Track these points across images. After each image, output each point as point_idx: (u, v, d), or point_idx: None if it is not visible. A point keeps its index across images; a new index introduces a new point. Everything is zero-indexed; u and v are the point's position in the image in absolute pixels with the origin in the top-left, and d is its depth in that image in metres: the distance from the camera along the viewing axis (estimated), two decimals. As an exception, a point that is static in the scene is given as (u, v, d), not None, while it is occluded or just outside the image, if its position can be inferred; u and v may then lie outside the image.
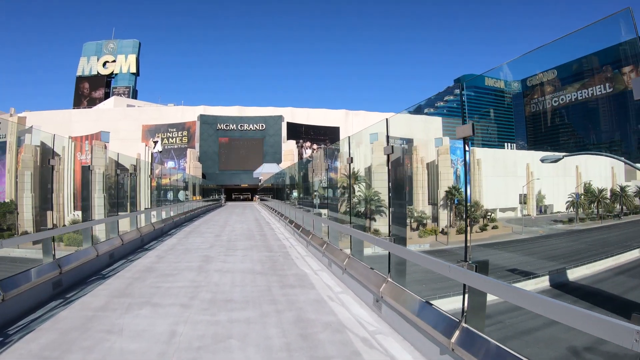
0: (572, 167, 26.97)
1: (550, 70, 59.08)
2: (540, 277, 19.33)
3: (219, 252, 11.70)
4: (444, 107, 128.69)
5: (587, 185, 26.84)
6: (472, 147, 50.34)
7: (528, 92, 65.26)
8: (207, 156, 75.87)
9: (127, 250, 11.70)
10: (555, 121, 46.10)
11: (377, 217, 17.06)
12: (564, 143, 37.68)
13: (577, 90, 47.36)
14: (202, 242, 13.92)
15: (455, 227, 31.31)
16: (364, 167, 14.97)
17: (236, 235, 15.72)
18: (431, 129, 46.80)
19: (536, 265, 21.38)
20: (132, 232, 12.91)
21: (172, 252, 11.74)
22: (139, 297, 6.84)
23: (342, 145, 14.38)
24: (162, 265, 9.85)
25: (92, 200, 13.97)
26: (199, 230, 18.11)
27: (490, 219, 34.83)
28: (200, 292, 7.18)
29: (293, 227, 15.32)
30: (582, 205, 27.21)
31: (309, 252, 11.51)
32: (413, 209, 27.54)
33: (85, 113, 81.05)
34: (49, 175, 10.11)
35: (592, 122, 36.28)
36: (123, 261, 10.46)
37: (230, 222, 22.19)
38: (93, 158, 22.77)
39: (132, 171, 15.69)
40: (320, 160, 16.89)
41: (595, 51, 11.97)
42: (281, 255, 11.24)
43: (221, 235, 15.94)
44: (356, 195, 17.00)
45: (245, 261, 10.24)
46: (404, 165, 11.32)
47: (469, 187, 4.70)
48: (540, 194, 30.43)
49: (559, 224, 28.20)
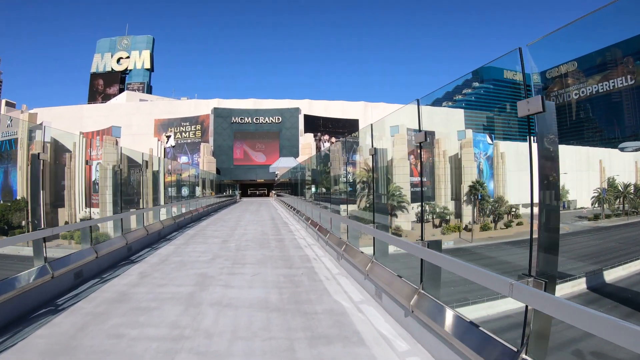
0: (595, 161, 24.86)
1: (571, 62, 56.41)
2: (577, 278, 16.97)
3: (221, 267, 8.85)
4: (462, 101, 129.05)
5: (611, 180, 24.53)
6: (496, 140, 50.53)
7: (547, 84, 62.92)
8: (221, 150, 73.28)
9: (104, 265, 8.99)
10: (578, 114, 44.25)
11: (398, 213, 14.28)
12: (585, 136, 35.42)
13: (599, 83, 45.44)
14: (204, 250, 11.11)
15: (479, 224, 30.98)
16: (382, 161, 12.46)
17: (247, 241, 12.88)
18: (453, 121, 43.37)
19: (567, 265, 19.80)
20: (115, 240, 10.16)
21: (161, 268, 8.94)
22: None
23: (364, 136, 12.15)
24: (140, 290, 7.05)
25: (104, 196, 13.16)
26: (204, 233, 15.32)
27: (515, 214, 34.05)
28: (180, 355, 4.35)
29: (317, 232, 12.48)
30: (607, 200, 24.64)
31: (341, 269, 8.65)
32: (435, 204, 25.48)
33: (97, 108, 78.87)
34: (61, 172, 10.22)
35: (616, 115, 33.42)
36: (94, 281, 7.77)
37: (243, 223, 19.37)
38: (104, 154, 21.58)
39: (119, 167, 13.14)
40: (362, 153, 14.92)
41: (617, 42, 10.40)
42: (305, 273, 8.34)
43: (229, 240, 13.11)
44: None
45: (256, 284, 7.39)
46: (433, 159, 11.15)
47: (535, 180, 2.89)
48: (564, 189, 28.40)
49: (584, 221, 25.96)
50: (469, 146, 32.47)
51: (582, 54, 5.55)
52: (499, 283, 3.24)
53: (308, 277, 7.97)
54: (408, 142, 10.48)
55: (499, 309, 5.99)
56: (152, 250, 11.43)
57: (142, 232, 12.18)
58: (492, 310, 6.17)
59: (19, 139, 45.33)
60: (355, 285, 7.30)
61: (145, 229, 12.47)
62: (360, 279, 7.22)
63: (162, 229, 14.15)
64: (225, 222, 19.78)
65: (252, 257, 10.12)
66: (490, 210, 19.16)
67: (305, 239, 13.32)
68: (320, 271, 8.49)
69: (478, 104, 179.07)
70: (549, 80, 4.93)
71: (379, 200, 10.86)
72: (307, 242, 12.60)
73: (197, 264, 9.21)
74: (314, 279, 7.81)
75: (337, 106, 79.63)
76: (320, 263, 9.34)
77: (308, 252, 10.90)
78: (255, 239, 13.43)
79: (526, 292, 2.97)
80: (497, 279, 3.30)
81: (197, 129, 73.52)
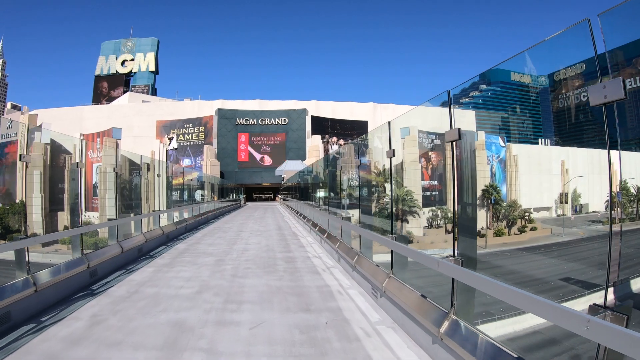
0: (607, 164, 25.38)
1: (578, 64, 55.75)
2: (606, 288, 16.84)
3: (208, 310, 6.10)
4: (469, 104, 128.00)
5: (623, 183, 24.41)
6: (508, 143, 48.79)
7: (555, 87, 62.02)
8: (225, 153, 70.70)
9: (48, 301, 6.37)
10: (584, 117, 43.75)
11: (409, 219, 14.79)
12: (592, 139, 36.14)
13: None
14: (189, 277, 8.38)
15: (493, 229, 30.46)
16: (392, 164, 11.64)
17: (248, 261, 10.11)
18: (463, 123, 42.29)
19: (590, 273, 18.09)
20: (70, 264, 7.50)
21: (124, 308, 6.24)
22: None
23: (377, 135, 10.76)
24: (76, 356, 4.45)
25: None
26: (196, 248, 12.57)
27: (528, 219, 33.32)
28: None
29: (338, 251, 9.75)
30: (622, 204, 24.81)
31: (382, 312, 5.94)
32: (447, 209, 24.03)
33: (98, 109, 76.49)
34: (60, 175, 9.73)
35: (624, 117, 34.61)
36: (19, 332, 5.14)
37: (245, 234, 16.59)
38: (104, 156, 20.18)
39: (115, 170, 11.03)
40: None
41: (624, 44, 9.67)
42: (331, 322, 5.56)
43: (225, 260, 10.35)
44: (387, 194, 13.27)
45: (256, 347, 4.67)
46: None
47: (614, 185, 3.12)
48: (576, 193, 27.07)
49: (597, 225, 25.21)
50: (481, 148, 29.75)
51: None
52: (573, 321, 2.49)
53: (336, 330, 5.22)
54: (419, 144, 10.26)
55: (525, 324, 5.85)
56: (125, 274, 8.78)
57: (115, 249, 9.51)
58: (518, 325, 5.92)
59: (19, 140, 42.66)
60: (417, 349, 4.58)
61: (120, 245, 9.80)
62: (424, 341, 4.51)
63: (143, 244, 11.49)
64: (224, 232, 17.02)
65: (253, 289, 7.36)
66: (504, 215, 17.67)
67: (322, 258, 10.58)
68: (352, 317, 5.75)
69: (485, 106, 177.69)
70: (565, 87, 4.35)
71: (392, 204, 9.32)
72: (324, 264, 9.87)
73: (174, 303, 6.48)
74: (346, 334, 5.07)
75: (345, 107, 77.24)
76: (350, 301, 6.59)
77: (329, 279, 8.16)
78: (258, 257, 10.68)
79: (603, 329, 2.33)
80: (574, 316, 2.51)
81: (200, 131, 71.13)
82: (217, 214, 28.08)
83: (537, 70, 7.90)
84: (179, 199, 21.35)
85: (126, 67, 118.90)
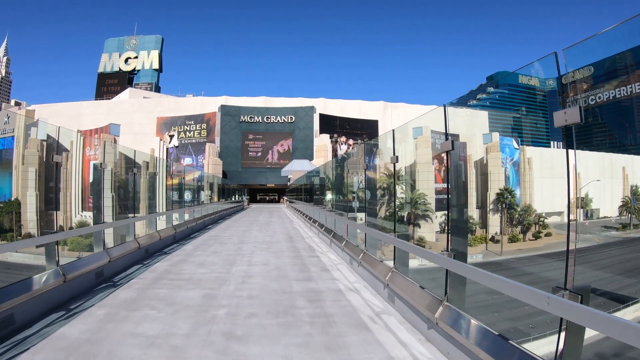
0: (618, 168, 26.51)
1: (587, 67, 54.45)
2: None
3: None
4: (477, 106, 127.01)
5: (635, 188, 25.85)
6: (522, 145, 46.56)
7: (563, 90, 62.13)
8: (228, 151, 67.27)
9: None
10: (593, 120, 43.99)
11: (421, 223, 15.53)
12: (601, 143, 36.42)
13: (616, 88, 44.52)
14: (153, 339, 4.89)
15: (507, 235, 28.94)
16: (404, 165, 13.64)
17: (252, 301, 6.62)
18: (476, 124, 41.50)
19: (617, 283, 18.24)
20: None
21: None
22: None
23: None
24: None
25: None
26: (180, 271, 8.98)
27: (543, 224, 32.34)
28: None
29: (388, 284, 6.34)
30: (636, 210, 25.84)
31: None
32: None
33: (97, 105, 73.47)
34: (57, 172, 8.51)
35: (632, 120, 34.29)
36: None
37: (247, 246, 13.05)
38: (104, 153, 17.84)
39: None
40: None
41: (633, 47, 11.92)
42: None
43: (217, 297, 6.87)
44: (397, 197, 14.18)
45: None
46: (464, 165, 11.97)
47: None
48: (588, 197, 27.69)
49: (612, 231, 26.37)
50: (495, 150, 31.94)
51: (604, 67, 11.85)
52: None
53: None
54: (432, 145, 10.51)
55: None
56: (52, 325, 5.42)
57: (51, 280, 6.17)
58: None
59: (15, 136, 40.67)
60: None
61: (61, 272, 6.43)
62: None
63: (105, 265, 8.13)
64: (222, 245, 13.50)
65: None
66: (518, 220, 20.10)
67: (360, 293, 7.14)
68: None
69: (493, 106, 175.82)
70: (572, 91, 4.60)
71: (401, 209, 8.97)
72: (367, 303, 6.45)
73: None
74: None
75: (354, 105, 74.23)
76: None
77: (387, 341, 4.80)
78: (267, 291, 7.18)
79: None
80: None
81: (202, 128, 67.96)
82: (217, 218, 24.65)
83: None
84: (177, 200, 18.03)
85: (130, 65, 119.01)
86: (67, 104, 73.14)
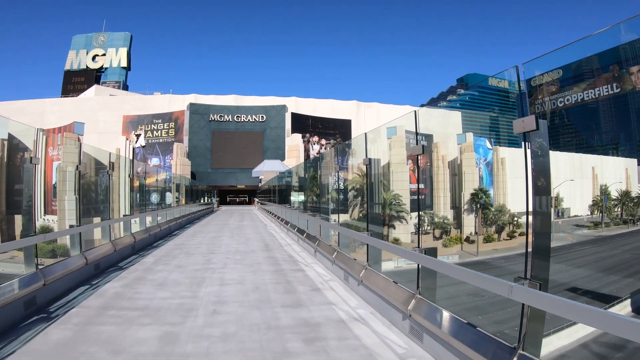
0: (588, 168, 25.06)
1: (555, 70, 57.88)
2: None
3: None
4: (447, 107, 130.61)
5: (604, 187, 23.62)
6: (495, 145, 46.54)
7: (532, 92, 65.96)
8: (197, 152, 64.99)
9: None
10: (562, 121, 44.20)
11: (396, 224, 14.95)
12: (569, 144, 37.06)
13: (584, 91, 46.09)
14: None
15: (482, 234, 27.06)
16: (379, 165, 10.91)
17: (228, 354, 4.71)
18: (450, 124, 39.62)
19: (597, 282, 15.41)
20: None
21: None
22: None
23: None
24: None
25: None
26: (133, 296, 7.17)
27: (517, 224, 29.75)
28: None
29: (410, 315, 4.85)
30: (607, 209, 23.31)
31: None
32: (434, 214, 23.52)
33: (61, 103, 70.42)
34: (18, 174, 8.81)
35: (598, 122, 34.60)
36: None
37: (218, 258, 11.25)
38: (64, 153, 16.28)
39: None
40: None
41: (602, 51, 11.07)
42: None
43: (179, 341, 5.09)
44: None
45: None
46: (431, 165, 13.59)
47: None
48: (559, 197, 24.97)
49: (584, 229, 23.76)
50: (469, 150, 28.32)
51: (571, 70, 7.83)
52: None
53: None
54: (407, 145, 9.97)
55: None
56: None
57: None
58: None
59: None
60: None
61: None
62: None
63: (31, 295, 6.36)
64: (188, 256, 11.58)
65: None
66: (492, 220, 17.91)
67: (369, 325, 5.57)
68: None
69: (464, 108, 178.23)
70: (541, 93, 5.58)
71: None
72: (382, 341, 4.90)
73: None
74: None
75: (327, 105, 73.31)
76: None
77: None
78: (246, 329, 5.40)
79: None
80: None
81: (170, 127, 65.49)
82: (184, 222, 22.75)
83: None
84: (140, 203, 16.12)
85: (97, 62, 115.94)
86: (31, 101, 70.01)
